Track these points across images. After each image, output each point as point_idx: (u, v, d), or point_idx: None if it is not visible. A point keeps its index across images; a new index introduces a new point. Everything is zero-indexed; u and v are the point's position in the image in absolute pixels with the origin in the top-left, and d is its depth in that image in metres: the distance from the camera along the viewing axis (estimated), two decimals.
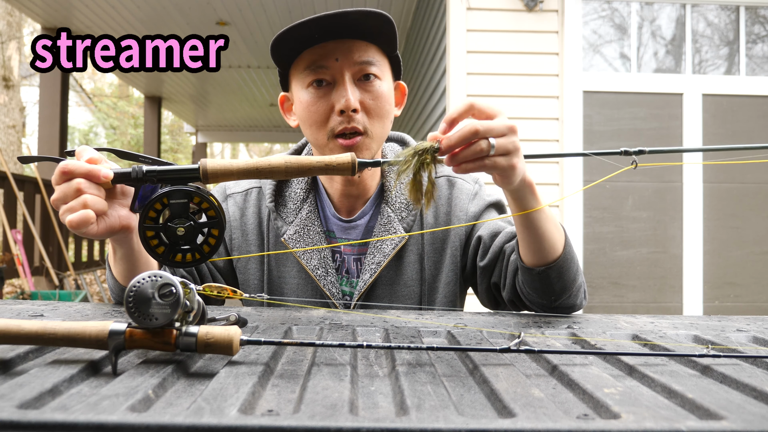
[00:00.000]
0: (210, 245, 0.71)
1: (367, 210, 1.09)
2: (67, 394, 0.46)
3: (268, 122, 11.20)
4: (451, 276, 1.08)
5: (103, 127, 17.69)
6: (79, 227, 0.71)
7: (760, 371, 0.56)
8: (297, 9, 5.25)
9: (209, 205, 0.71)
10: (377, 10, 0.93)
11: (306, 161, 0.72)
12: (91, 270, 6.76)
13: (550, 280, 0.89)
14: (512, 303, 1.00)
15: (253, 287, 1.09)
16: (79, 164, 0.73)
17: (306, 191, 1.09)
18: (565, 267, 0.88)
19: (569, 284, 0.90)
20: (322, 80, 0.98)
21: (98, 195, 0.73)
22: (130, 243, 0.83)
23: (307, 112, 1.00)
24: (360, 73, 0.98)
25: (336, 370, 0.54)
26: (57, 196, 0.73)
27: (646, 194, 3.59)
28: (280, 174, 0.72)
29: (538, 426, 0.39)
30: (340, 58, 0.96)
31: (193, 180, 0.71)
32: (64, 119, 5.75)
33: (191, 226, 0.70)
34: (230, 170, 0.71)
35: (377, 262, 1.04)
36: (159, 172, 0.71)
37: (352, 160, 0.72)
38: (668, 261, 3.59)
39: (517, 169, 0.76)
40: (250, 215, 1.11)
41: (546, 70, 3.50)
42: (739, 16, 3.74)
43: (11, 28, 8.43)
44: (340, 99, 0.96)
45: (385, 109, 1.00)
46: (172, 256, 0.71)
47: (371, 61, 0.98)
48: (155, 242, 0.71)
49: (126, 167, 0.75)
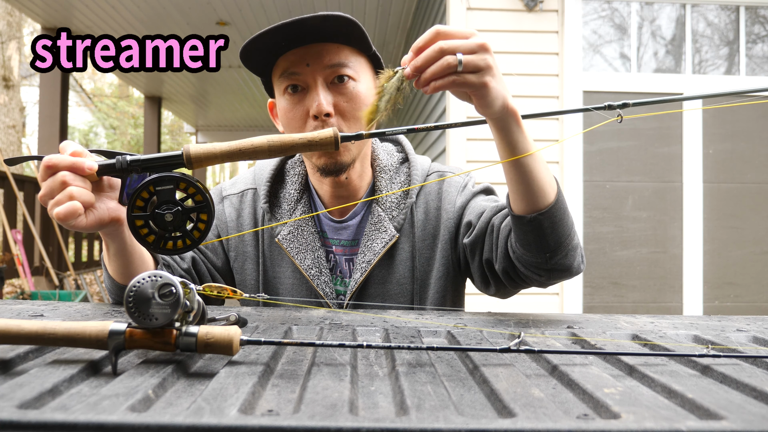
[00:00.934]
0: (200, 230, 0.71)
1: (358, 210, 1.10)
2: (67, 394, 0.46)
3: (268, 122, 11.19)
4: (442, 271, 1.08)
5: (103, 127, 17.69)
6: (66, 219, 0.71)
7: (760, 371, 0.56)
8: (297, 9, 5.25)
9: (196, 190, 0.70)
10: (336, 13, 0.93)
11: (288, 139, 0.72)
12: (91, 270, 6.77)
13: (543, 231, 0.83)
14: (506, 274, 0.95)
15: (250, 287, 1.10)
16: (62, 158, 0.72)
17: (300, 192, 1.10)
18: (558, 217, 0.84)
19: (564, 238, 0.85)
20: (297, 86, 0.99)
21: (84, 187, 0.73)
22: (122, 236, 0.83)
23: (285, 118, 1.02)
24: (332, 76, 0.98)
25: (336, 370, 0.54)
26: (44, 192, 0.73)
27: (646, 194, 3.59)
28: (264, 154, 0.71)
29: (538, 426, 0.39)
30: (311, 63, 0.97)
31: (178, 166, 0.71)
32: (64, 119, 5.75)
33: (179, 212, 0.70)
34: (213, 153, 0.71)
35: (368, 261, 1.04)
36: (143, 160, 0.71)
37: (334, 134, 0.71)
38: (668, 261, 3.59)
39: (491, 88, 0.72)
40: (246, 216, 1.12)
41: (546, 70, 3.50)
42: (739, 16, 3.74)
43: (11, 28, 8.44)
44: (313, 104, 0.97)
45: (361, 110, 0.99)
46: (162, 243, 0.71)
47: (343, 62, 0.98)
48: (145, 231, 0.71)
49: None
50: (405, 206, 1.07)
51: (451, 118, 3.45)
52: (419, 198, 1.10)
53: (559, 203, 0.84)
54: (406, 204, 1.07)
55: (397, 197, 1.08)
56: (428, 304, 1.08)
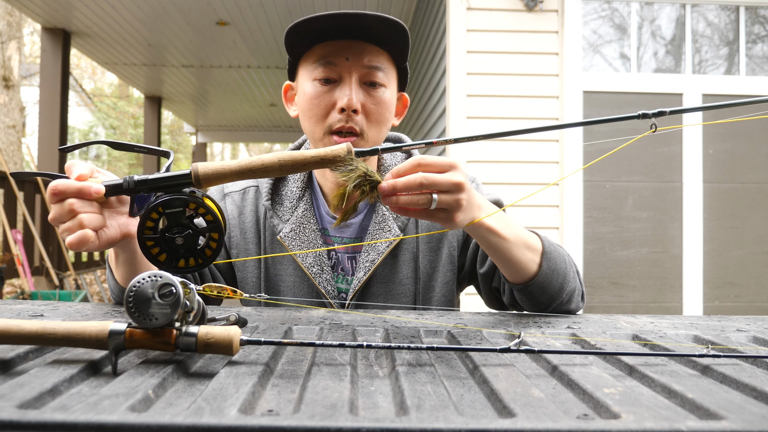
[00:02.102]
0: (211, 249, 0.71)
1: (361, 208, 1.09)
2: (67, 394, 0.46)
3: (268, 122, 11.20)
4: (449, 276, 1.09)
5: (103, 127, 17.69)
6: (79, 248, 0.71)
7: (760, 371, 0.56)
8: (297, 9, 5.25)
9: (206, 210, 0.69)
10: (396, 19, 0.95)
11: (300, 156, 0.70)
12: (91, 270, 6.76)
13: (533, 295, 0.91)
14: (513, 306, 1.01)
15: (251, 285, 1.09)
16: (69, 183, 0.72)
17: (302, 189, 1.10)
18: (546, 282, 0.90)
19: (555, 295, 0.92)
20: (329, 77, 0.99)
21: (93, 212, 0.72)
22: (132, 248, 0.84)
23: (309, 104, 1.01)
24: (367, 77, 1.00)
25: (336, 370, 0.54)
26: (53, 215, 0.73)
27: (646, 194, 3.59)
28: (275, 172, 0.70)
29: (538, 426, 0.39)
30: (350, 58, 0.98)
31: (186, 186, 0.70)
32: (64, 119, 5.75)
33: (190, 234, 0.69)
34: (223, 173, 0.69)
35: (371, 260, 1.05)
36: (151, 180, 0.70)
37: (348, 149, 0.71)
38: (668, 261, 3.59)
39: (457, 222, 0.75)
40: (247, 213, 1.12)
41: (546, 70, 3.50)
42: (739, 16, 3.74)
43: (11, 28, 8.43)
44: (343, 97, 0.98)
45: (384, 116, 1.02)
46: (174, 263, 0.70)
47: (380, 66, 1.00)
48: (156, 250, 0.70)
49: (117, 176, 0.74)
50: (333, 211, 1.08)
51: (451, 117, 3.45)
52: None
53: (544, 270, 0.89)
54: None
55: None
56: (433, 306, 1.08)
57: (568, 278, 0.94)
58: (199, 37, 6.11)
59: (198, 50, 6.58)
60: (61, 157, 5.65)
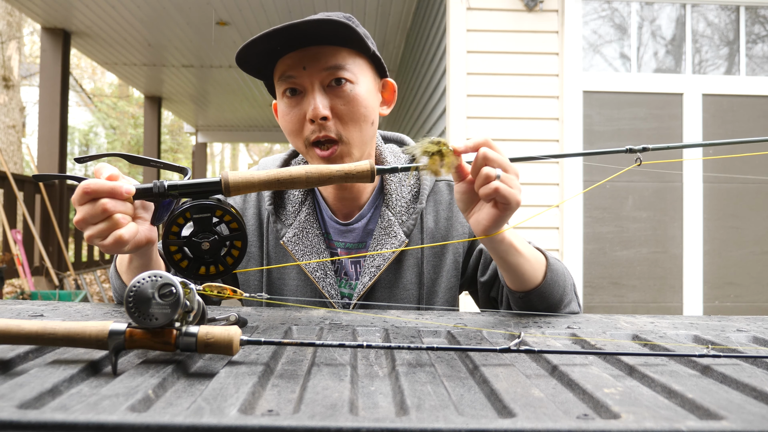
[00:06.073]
0: (233, 257, 0.71)
1: (365, 213, 1.08)
2: (67, 394, 0.46)
3: (268, 122, 11.20)
4: (453, 281, 1.09)
5: (103, 127, 17.69)
6: (115, 249, 0.71)
7: (760, 371, 0.56)
8: (297, 9, 5.25)
9: (231, 218, 0.70)
10: (331, 17, 0.91)
11: (326, 170, 0.73)
12: (91, 270, 6.76)
13: (533, 303, 0.92)
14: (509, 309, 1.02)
15: (254, 288, 1.09)
16: (101, 183, 0.71)
17: (304, 194, 1.09)
18: (547, 292, 0.91)
19: (554, 305, 0.93)
20: (295, 89, 0.98)
21: (125, 212, 0.72)
22: (149, 254, 0.83)
23: (283, 121, 1.02)
24: (329, 78, 0.96)
25: (336, 370, 0.54)
26: (81, 216, 0.71)
27: (646, 194, 3.59)
28: (302, 184, 0.73)
29: (538, 426, 0.39)
30: (307, 66, 0.96)
31: (215, 193, 0.70)
32: (64, 119, 5.75)
33: (216, 240, 0.69)
34: (252, 182, 0.71)
35: (377, 266, 1.04)
36: (181, 186, 0.70)
37: (371, 167, 0.74)
38: (668, 261, 3.59)
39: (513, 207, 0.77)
40: (250, 216, 1.11)
41: (546, 70, 3.50)
42: (739, 16, 3.74)
43: (11, 28, 8.43)
44: (308, 108, 0.96)
45: (359, 113, 0.98)
46: (196, 270, 0.71)
47: (340, 65, 0.96)
48: (178, 257, 0.70)
49: (144, 180, 0.74)
50: (415, 211, 1.06)
51: (451, 117, 3.45)
52: (428, 204, 1.09)
53: (547, 281, 0.91)
54: (416, 209, 1.06)
55: (407, 202, 1.07)
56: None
57: (567, 289, 0.96)
58: (199, 37, 6.11)
59: (198, 50, 6.58)
60: (62, 158, 5.66)
